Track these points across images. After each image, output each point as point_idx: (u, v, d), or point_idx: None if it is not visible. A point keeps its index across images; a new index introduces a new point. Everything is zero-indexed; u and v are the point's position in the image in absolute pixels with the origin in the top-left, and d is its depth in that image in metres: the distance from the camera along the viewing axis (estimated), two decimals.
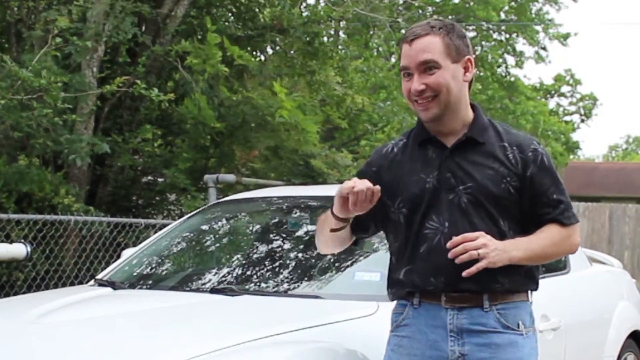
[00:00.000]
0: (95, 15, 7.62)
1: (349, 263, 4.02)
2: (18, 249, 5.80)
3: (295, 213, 4.65)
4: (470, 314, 2.68)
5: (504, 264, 2.64)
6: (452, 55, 2.70)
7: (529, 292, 2.80)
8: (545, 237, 2.75)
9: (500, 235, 2.67)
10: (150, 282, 4.27)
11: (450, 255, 2.59)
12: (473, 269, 2.58)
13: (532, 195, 2.74)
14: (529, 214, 2.76)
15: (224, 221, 4.84)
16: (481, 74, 20.53)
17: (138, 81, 7.67)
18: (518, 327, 2.70)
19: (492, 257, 2.59)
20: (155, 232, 6.72)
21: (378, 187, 2.63)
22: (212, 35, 8.03)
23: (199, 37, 9.06)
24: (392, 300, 2.85)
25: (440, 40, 2.69)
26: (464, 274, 2.59)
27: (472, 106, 2.81)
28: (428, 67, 2.68)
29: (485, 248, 2.59)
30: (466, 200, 2.69)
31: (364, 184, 2.62)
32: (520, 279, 2.73)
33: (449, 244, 2.60)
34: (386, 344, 2.81)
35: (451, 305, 2.68)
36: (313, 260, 4.08)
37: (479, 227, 2.66)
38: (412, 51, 2.69)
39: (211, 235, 4.75)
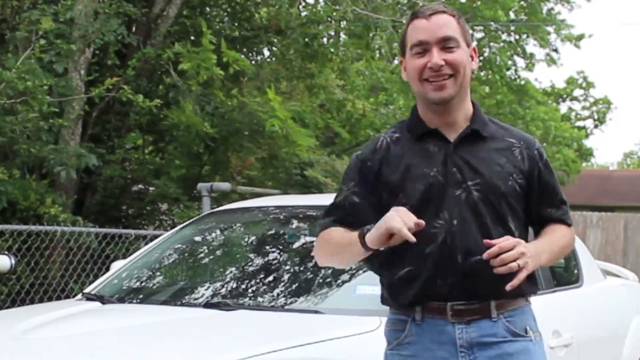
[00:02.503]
0: (79, 16, 7.61)
1: (349, 276, 4.02)
2: (2, 261, 5.79)
3: (293, 223, 4.66)
4: (479, 326, 2.69)
5: (535, 269, 2.66)
6: (465, 38, 2.74)
7: (531, 295, 2.83)
8: (560, 238, 2.81)
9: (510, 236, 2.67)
10: (140, 296, 4.28)
11: (495, 269, 2.57)
12: (515, 281, 2.57)
13: (539, 194, 2.79)
14: (534, 213, 2.80)
15: (219, 232, 4.84)
16: (489, 77, 20.52)
17: (125, 86, 7.67)
18: (526, 333, 2.74)
19: (529, 266, 2.60)
20: (146, 243, 6.72)
21: (422, 222, 2.56)
22: (206, 40, 8.00)
23: (192, 38, 9.06)
24: (391, 307, 2.79)
25: (456, 21, 2.73)
26: (508, 287, 2.58)
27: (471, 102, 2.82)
28: (448, 44, 2.69)
29: (523, 257, 2.57)
30: (475, 198, 2.68)
31: (410, 220, 2.54)
32: (525, 282, 2.71)
33: (485, 255, 2.56)
34: None
35: (458, 319, 2.69)
36: (312, 274, 4.09)
37: (490, 226, 2.67)
38: (431, 25, 2.69)
39: (205, 247, 4.75)
